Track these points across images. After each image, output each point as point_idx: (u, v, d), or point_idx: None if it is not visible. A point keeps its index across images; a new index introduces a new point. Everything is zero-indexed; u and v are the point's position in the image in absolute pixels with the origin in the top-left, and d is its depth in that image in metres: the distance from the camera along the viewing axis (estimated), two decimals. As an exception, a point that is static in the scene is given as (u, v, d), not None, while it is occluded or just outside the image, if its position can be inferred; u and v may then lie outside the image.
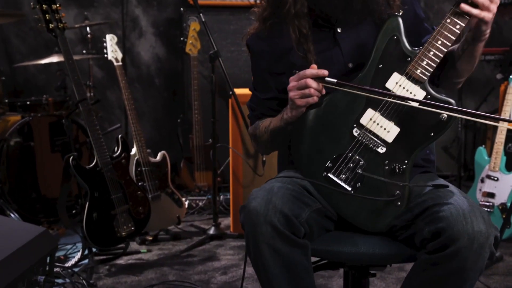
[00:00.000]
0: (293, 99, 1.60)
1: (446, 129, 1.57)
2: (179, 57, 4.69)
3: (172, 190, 3.36)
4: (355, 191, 1.59)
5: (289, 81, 1.61)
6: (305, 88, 1.57)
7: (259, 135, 1.83)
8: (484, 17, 1.49)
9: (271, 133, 1.77)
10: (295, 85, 1.59)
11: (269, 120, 1.79)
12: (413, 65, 1.56)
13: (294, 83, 1.59)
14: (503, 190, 3.16)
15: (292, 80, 1.60)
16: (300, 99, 1.59)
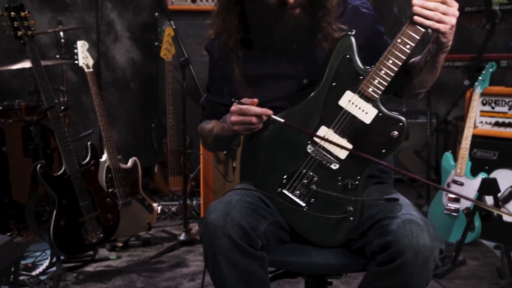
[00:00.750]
0: (238, 130, 1.65)
1: (397, 146, 1.61)
2: (154, 61, 4.70)
3: (143, 196, 3.37)
4: (309, 207, 1.63)
5: (231, 112, 1.64)
6: (250, 123, 1.62)
7: (204, 135, 1.90)
8: (439, 28, 1.51)
9: (215, 138, 1.83)
10: (238, 120, 1.63)
11: (212, 124, 1.84)
12: (365, 84, 1.59)
13: (238, 119, 1.62)
14: (468, 194, 3.21)
15: (235, 113, 1.63)
16: (244, 131, 1.65)
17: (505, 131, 3.36)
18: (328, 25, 1.67)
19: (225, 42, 1.75)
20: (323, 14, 1.67)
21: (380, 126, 1.59)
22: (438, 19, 1.50)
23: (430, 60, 1.65)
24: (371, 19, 1.80)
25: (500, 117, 3.39)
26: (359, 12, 1.78)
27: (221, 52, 1.79)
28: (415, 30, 1.55)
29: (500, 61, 3.69)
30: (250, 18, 1.73)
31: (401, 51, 1.57)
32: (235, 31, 1.72)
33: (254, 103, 1.63)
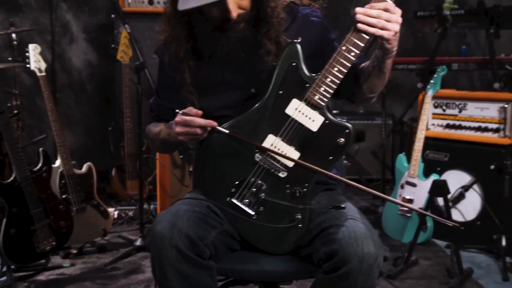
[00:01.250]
0: (183, 140, 1.65)
1: (343, 153, 1.63)
2: (111, 63, 4.63)
3: (98, 202, 3.32)
4: (258, 215, 1.64)
5: (175, 123, 1.64)
6: (196, 134, 1.63)
7: (151, 138, 1.90)
8: (382, 35, 1.52)
9: (162, 142, 1.83)
10: (183, 131, 1.63)
11: (159, 128, 1.84)
12: (311, 91, 1.60)
13: (183, 130, 1.63)
14: (420, 196, 3.28)
15: (179, 124, 1.63)
16: (189, 141, 1.66)
17: (455, 133, 3.43)
18: (269, 41, 1.68)
19: (175, 51, 1.74)
20: (267, 29, 1.69)
21: (327, 133, 1.61)
22: (381, 26, 1.52)
23: (377, 65, 1.67)
24: (320, 27, 1.81)
25: (451, 119, 3.47)
26: (309, 21, 1.79)
27: (171, 61, 1.79)
28: (359, 38, 1.57)
29: (451, 65, 3.78)
30: (197, 29, 1.73)
31: (346, 59, 1.58)
32: (185, 41, 1.73)
33: (198, 114, 1.63)
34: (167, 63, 1.82)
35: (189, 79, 1.74)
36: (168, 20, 1.74)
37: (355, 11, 1.55)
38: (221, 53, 1.70)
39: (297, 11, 1.80)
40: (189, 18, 1.70)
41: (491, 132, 3.26)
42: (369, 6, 1.54)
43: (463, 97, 3.42)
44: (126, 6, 4.36)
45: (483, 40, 5.00)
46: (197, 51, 1.76)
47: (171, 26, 1.73)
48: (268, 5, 1.68)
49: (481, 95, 3.36)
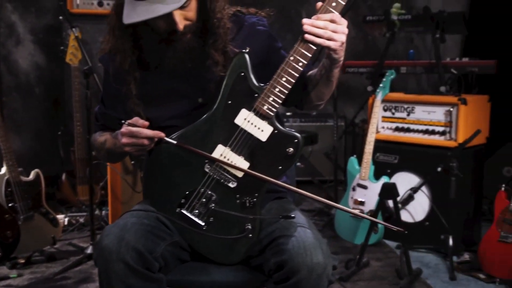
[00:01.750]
0: (129, 151, 1.63)
1: (293, 162, 1.64)
2: (60, 66, 4.53)
3: (46, 210, 3.25)
4: (208, 226, 1.63)
5: (121, 134, 1.61)
6: (142, 145, 1.61)
7: (97, 147, 1.87)
8: (329, 45, 1.54)
9: (107, 152, 1.81)
10: (129, 142, 1.61)
11: (104, 137, 1.82)
12: (260, 101, 1.60)
13: (129, 141, 1.61)
14: (372, 197, 3.34)
15: (125, 135, 1.61)
16: (136, 152, 1.64)
17: (404, 136, 3.51)
18: (216, 51, 1.68)
19: (120, 63, 1.71)
20: (213, 40, 1.68)
21: (276, 143, 1.61)
22: (328, 37, 1.54)
23: (325, 74, 1.69)
24: (267, 36, 1.81)
25: (400, 122, 3.54)
26: (255, 30, 1.79)
27: (116, 72, 1.76)
28: (306, 48, 1.58)
29: (400, 68, 3.86)
30: (143, 41, 1.71)
31: (294, 69, 1.59)
32: (130, 53, 1.70)
33: (145, 125, 1.61)
34: (112, 75, 1.79)
35: (134, 90, 1.72)
36: (112, 31, 1.71)
37: (302, 22, 1.56)
38: (168, 64, 1.69)
39: (243, 20, 1.79)
40: (134, 29, 1.67)
41: (438, 135, 3.35)
42: (316, 17, 1.56)
43: (411, 100, 3.50)
44: (75, 7, 4.27)
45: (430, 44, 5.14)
46: (143, 63, 1.74)
47: (115, 37, 1.70)
48: (214, 16, 1.67)
49: (428, 98, 3.44)
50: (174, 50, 1.66)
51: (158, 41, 1.67)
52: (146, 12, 1.54)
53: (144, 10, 1.54)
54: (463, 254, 3.17)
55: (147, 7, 1.54)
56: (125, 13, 1.58)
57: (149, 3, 1.54)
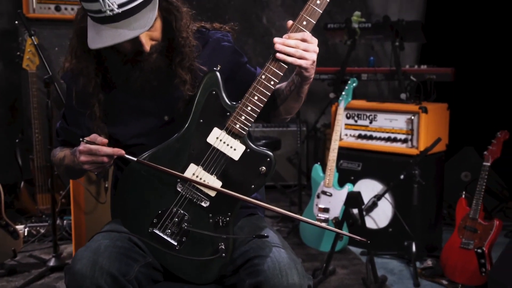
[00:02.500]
0: (88, 169, 1.61)
1: (266, 181, 1.64)
2: (17, 71, 4.41)
3: (6, 222, 3.15)
4: (181, 246, 1.62)
5: (79, 152, 1.58)
6: (102, 163, 1.59)
7: (56, 164, 1.84)
8: (301, 64, 1.56)
9: (66, 168, 1.77)
10: (88, 160, 1.58)
11: (63, 153, 1.78)
12: (232, 120, 1.61)
13: (88, 159, 1.58)
14: (336, 205, 3.39)
15: (84, 153, 1.57)
16: (95, 169, 1.61)
17: (367, 143, 3.56)
18: (183, 70, 1.67)
19: (83, 86, 1.68)
20: (180, 59, 1.67)
21: (249, 162, 1.62)
22: (299, 56, 1.55)
23: (295, 90, 1.71)
24: (232, 52, 1.81)
25: (362, 130, 3.60)
26: (220, 46, 1.78)
27: (79, 95, 1.72)
28: (278, 67, 1.59)
29: (361, 75, 3.93)
30: (107, 62, 1.69)
31: (266, 87, 1.60)
32: (94, 76, 1.67)
33: (104, 143, 1.58)
34: (75, 97, 1.75)
35: (98, 113, 1.69)
36: (74, 53, 1.67)
37: (274, 41, 1.57)
38: (134, 84, 1.67)
39: (207, 36, 1.79)
40: (97, 51, 1.63)
41: (400, 143, 3.42)
42: (287, 36, 1.57)
43: (373, 108, 3.55)
44: (31, 12, 4.17)
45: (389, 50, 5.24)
46: (108, 84, 1.71)
47: (77, 59, 1.66)
48: (180, 35, 1.66)
49: (390, 106, 3.51)
50: (141, 70, 1.65)
51: (124, 61, 1.65)
52: (112, 37, 1.50)
53: (109, 34, 1.51)
54: (426, 260, 3.24)
55: (112, 31, 1.51)
56: (90, 36, 1.54)
57: (114, 28, 1.50)
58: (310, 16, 1.58)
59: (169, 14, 1.65)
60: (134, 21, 1.50)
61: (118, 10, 1.48)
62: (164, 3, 1.63)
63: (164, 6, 1.64)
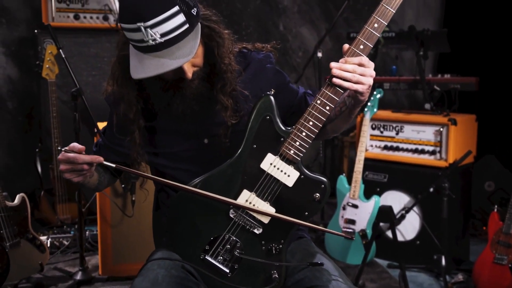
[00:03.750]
0: (69, 178, 1.60)
1: (319, 208, 1.63)
2: (35, 79, 4.40)
3: (33, 236, 3.14)
4: (233, 273, 1.61)
5: (59, 160, 1.58)
6: (81, 170, 1.58)
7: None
8: (357, 89, 1.54)
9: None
10: (68, 168, 1.58)
11: None
12: (286, 146, 1.59)
13: (67, 167, 1.57)
14: (362, 217, 3.37)
15: (63, 162, 1.57)
16: (75, 178, 1.61)
17: (393, 154, 3.55)
18: (225, 96, 1.66)
19: (124, 112, 1.68)
20: (221, 85, 1.66)
21: (303, 189, 1.60)
22: (356, 81, 1.54)
23: (347, 111, 1.69)
24: (274, 73, 1.79)
25: (388, 141, 3.58)
26: (262, 67, 1.77)
27: (119, 122, 1.73)
28: (334, 92, 1.57)
29: (383, 84, 3.91)
30: (148, 89, 1.68)
31: (321, 112, 1.58)
32: (135, 102, 1.67)
33: (82, 150, 1.58)
34: (116, 124, 1.76)
35: (138, 140, 1.69)
36: (116, 80, 1.67)
37: (331, 66, 1.55)
38: (175, 110, 1.66)
39: (250, 58, 1.77)
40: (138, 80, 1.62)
41: (428, 154, 3.40)
42: (344, 61, 1.55)
43: (400, 119, 3.53)
44: (50, 20, 4.15)
45: (408, 60, 5.24)
46: (149, 110, 1.71)
47: (118, 86, 1.67)
48: (222, 62, 1.64)
49: (417, 118, 3.49)
50: (182, 96, 1.64)
51: (165, 88, 1.64)
52: (155, 67, 1.49)
53: (152, 64, 1.49)
54: (457, 275, 3.22)
55: (155, 61, 1.49)
56: (132, 65, 1.53)
57: (157, 57, 1.49)
58: (367, 40, 1.57)
59: (211, 40, 1.64)
60: (177, 50, 1.49)
61: (160, 40, 1.46)
62: (206, 30, 1.61)
63: (206, 32, 1.62)
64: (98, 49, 4.27)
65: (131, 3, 1.45)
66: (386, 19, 1.57)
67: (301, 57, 5.27)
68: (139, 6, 1.44)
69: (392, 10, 1.57)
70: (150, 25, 1.43)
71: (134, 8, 1.44)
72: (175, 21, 1.45)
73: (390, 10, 1.57)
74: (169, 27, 1.45)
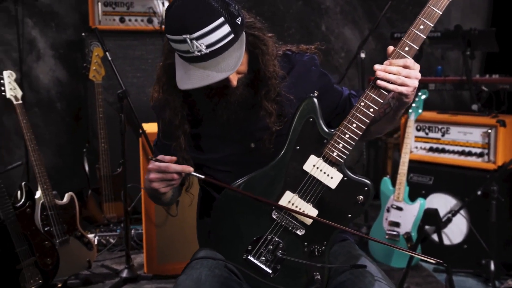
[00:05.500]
0: (157, 188, 1.61)
1: (362, 210, 1.62)
2: (82, 81, 4.52)
3: (81, 233, 3.23)
4: (275, 273, 1.61)
5: (148, 170, 1.60)
6: (171, 180, 1.59)
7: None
8: (402, 91, 1.53)
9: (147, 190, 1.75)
10: (158, 177, 1.59)
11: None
12: (329, 148, 1.59)
13: (157, 176, 1.58)
14: (407, 219, 3.32)
15: (153, 171, 1.59)
16: (164, 187, 1.61)
17: (439, 156, 3.48)
18: (269, 102, 1.66)
19: (169, 119, 1.71)
20: (265, 91, 1.66)
21: (346, 191, 1.60)
22: (401, 83, 1.52)
23: (391, 113, 1.68)
24: (318, 75, 1.78)
25: (434, 143, 3.52)
26: (306, 70, 1.76)
27: (165, 127, 1.76)
28: (378, 94, 1.56)
29: (428, 84, 3.84)
30: (194, 96, 1.70)
31: (365, 115, 1.57)
32: (180, 109, 1.69)
33: (172, 160, 1.60)
34: (162, 130, 1.80)
35: (183, 145, 1.71)
36: (161, 87, 1.70)
37: (375, 68, 1.54)
38: (220, 116, 1.68)
39: (294, 60, 1.77)
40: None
41: (475, 157, 3.32)
42: (388, 63, 1.54)
43: (446, 121, 3.47)
44: (97, 23, 4.26)
45: (454, 60, 5.13)
46: (194, 116, 1.74)
47: (164, 93, 1.69)
48: (266, 69, 1.65)
49: (464, 119, 3.41)
50: (227, 102, 1.65)
51: (210, 95, 1.66)
52: (201, 78, 1.51)
53: (198, 75, 1.51)
54: (507, 280, 3.13)
55: (200, 72, 1.51)
56: (178, 76, 1.55)
57: (202, 68, 1.51)
58: (412, 41, 1.55)
59: (255, 47, 1.64)
60: (222, 61, 1.50)
61: (206, 51, 1.47)
62: (250, 38, 1.62)
63: (251, 40, 1.63)
64: (143, 51, 4.35)
65: (177, 15, 1.47)
66: (432, 21, 1.55)
67: (344, 58, 5.23)
68: (185, 19, 1.45)
69: (439, 11, 1.55)
70: (196, 37, 1.45)
71: (179, 20, 1.46)
72: (221, 32, 1.46)
73: (437, 11, 1.55)
74: (215, 38, 1.46)
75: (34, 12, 4.62)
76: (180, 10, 1.47)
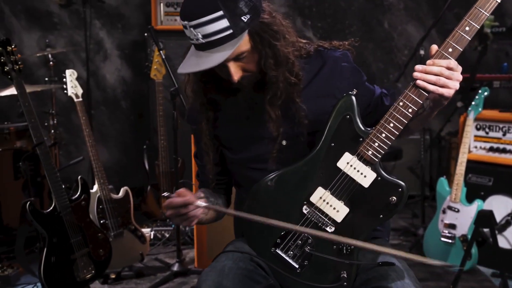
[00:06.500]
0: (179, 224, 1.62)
1: (395, 212, 1.57)
2: (145, 80, 4.65)
3: (135, 227, 3.32)
4: (302, 269, 1.60)
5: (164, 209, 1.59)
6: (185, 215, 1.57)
7: None
8: (442, 93, 1.48)
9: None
10: (172, 214, 1.57)
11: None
12: (364, 146, 1.55)
13: (171, 212, 1.56)
14: (464, 221, 3.20)
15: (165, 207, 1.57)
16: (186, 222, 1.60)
17: (500, 156, 3.33)
18: (272, 107, 1.63)
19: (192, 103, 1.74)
20: (271, 95, 1.63)
21: (379, 191, 1.56)
22: (442, 84, 1.47)
23: (425, 113, 1.62)
24: (351, 72, 1.73)
25: (494, 142, 3.37)
26: (338, 66, 1.71)
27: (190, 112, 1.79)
28: (418, 94, 1.52)
29: (492, 82, 3.68)
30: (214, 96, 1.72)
31: (403, 115, 1.53)
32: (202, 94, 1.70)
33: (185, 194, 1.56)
34: (187, 115, 1.82)
35: (206, 129, 1.73)
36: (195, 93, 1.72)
37: (415, 69, 1.49)
38: (256, 108, 1.68)
39: (326, 56, 1.72)
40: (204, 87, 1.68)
41: (539, 158, 3.16)
42: (431, 62, 1.49)
43: (508, 119, 3.31)
44: (159, 24, 4.38)
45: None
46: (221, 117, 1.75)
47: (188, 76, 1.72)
48: (270, 73, 1.60)
49: (528, 118, 3.25)
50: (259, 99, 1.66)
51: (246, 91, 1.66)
52: (193, 65, 1.52)
53: (192, 63, 1.52)
54: None
55: (196, 60, 1.52)
56: (183, 62, 1.57)
57: (199, 57, 1.51)
58: (457, 43, 1.49)
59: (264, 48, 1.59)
60: (217, 52, 1.49)
61: (202, 40, 1.48)
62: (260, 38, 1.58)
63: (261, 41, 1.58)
64: (202, 51, 4.41)
65: (186, 2, 1.52)
66: (478, 23, 1.49)
67: (407, 55, 5.10)
68: (188, 6, 1.50)
69: (486, 13, 1.49)
70: (193, 25, 1.47)
71: (186, 7, 1.50)
72: (218, 25, 1.46)
73: (484, 13, 1.49)
74: (211, 30, 1.46)
75: (102, 14, 4.82)
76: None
